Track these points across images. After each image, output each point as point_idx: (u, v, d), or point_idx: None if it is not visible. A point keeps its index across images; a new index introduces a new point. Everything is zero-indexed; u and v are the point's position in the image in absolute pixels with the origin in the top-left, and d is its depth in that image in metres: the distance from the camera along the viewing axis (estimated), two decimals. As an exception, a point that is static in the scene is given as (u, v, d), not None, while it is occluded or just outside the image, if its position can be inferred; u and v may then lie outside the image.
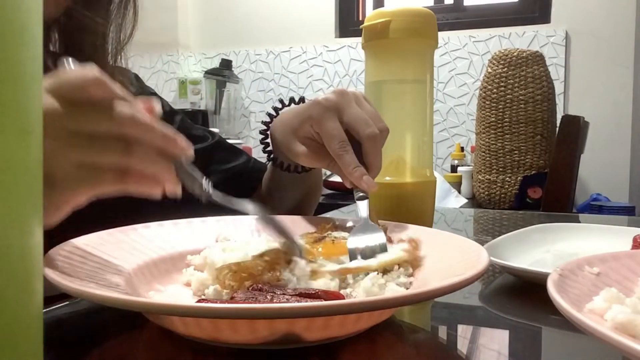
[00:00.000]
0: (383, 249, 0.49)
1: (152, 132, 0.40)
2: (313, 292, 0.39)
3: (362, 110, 0.57)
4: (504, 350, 0.41)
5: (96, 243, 0.46)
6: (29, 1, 0.20)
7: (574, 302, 0.31)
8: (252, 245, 0.49)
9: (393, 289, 0.42)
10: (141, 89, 0.79)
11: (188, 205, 0.66)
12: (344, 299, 0.40)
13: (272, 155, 0.69)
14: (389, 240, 0.52)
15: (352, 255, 0.48)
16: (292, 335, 0.34)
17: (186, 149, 0.42)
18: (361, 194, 0.55)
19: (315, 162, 0.60)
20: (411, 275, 0.46)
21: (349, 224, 0.58)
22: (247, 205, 0.48)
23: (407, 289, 0.44)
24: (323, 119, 0.56)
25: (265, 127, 0.68)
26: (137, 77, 0.81)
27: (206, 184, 0.45)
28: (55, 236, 0.41)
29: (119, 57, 0.69)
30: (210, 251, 0.48)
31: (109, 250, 0.46)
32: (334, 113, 0.56)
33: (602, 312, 0.31)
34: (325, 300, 0.37)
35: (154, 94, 0.82)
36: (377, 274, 0.44)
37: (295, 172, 0.69)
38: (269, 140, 0.68)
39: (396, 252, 0.47)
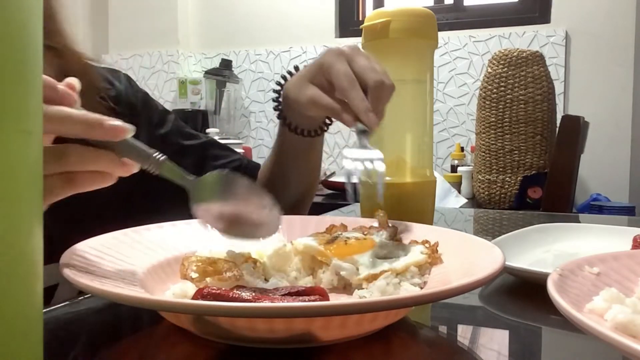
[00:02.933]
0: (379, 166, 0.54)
1: (71, 123, 0.38)
2: (301, 289, 0.39)
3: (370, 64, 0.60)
4: (504, 350, 0.41)
5: (111, 243, 0.46)
6: (29, 1, 0.20)
7: (574, 302, 0.31)
8: (258, 245, 0.49)
9: (408, 289, 0.43)
10: (131, 89, 0.78)
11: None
12: (327, 294, 0.39)
13: (285, 121, 0.71)
14: (399, 241, 0.52)
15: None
16: (308, 335, 0.34)
17: (120, 128, 0.40)
18: (363, 128, 0.57)
19: (323, 108, 0.62)
20: (424, 274, 0.46)
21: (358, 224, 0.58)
22: (192, 182, 0.45)
23: (422, 288, 0.44)
24: (333, 63, 0.60)
25: (278, 88, 0.71)
26: (127, 77, 0.80)
27: (157, 156, 0.43)
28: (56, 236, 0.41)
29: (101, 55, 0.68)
30: (216, 251, 0.48)
31: (123, 250, 0.46)
32: (344, 59, 0.60)
33: (602, 312, 0.31)
34: (318, 296, 0.37)
35: (146, 94, 0.81)
36: (391, 273, 0.44)
37: (301, 134, 0.71)
38: (281, 100, 0.70)
39: (416, 254, 0.47)
